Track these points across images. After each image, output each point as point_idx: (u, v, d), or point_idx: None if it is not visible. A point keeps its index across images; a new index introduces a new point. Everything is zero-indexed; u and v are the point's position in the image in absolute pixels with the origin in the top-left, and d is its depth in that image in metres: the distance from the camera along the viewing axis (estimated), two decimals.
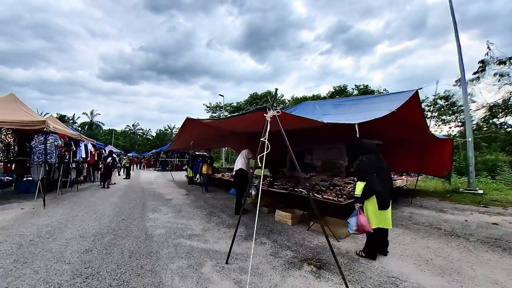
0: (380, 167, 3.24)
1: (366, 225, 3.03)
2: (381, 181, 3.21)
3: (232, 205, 6.39)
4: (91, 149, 10.13)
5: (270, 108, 2.80)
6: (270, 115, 2.75)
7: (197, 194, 8.32)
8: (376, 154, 3.32)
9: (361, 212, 3.14)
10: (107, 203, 6.52)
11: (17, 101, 6.96)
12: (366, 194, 3.20)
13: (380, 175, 3.22)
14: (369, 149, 3.35)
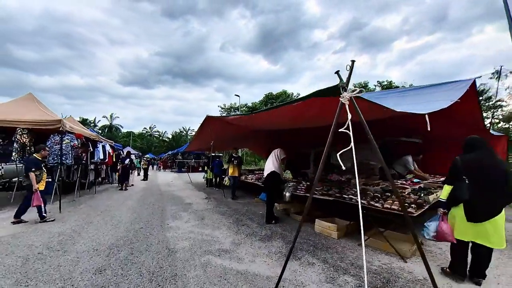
0: (481, 170, 2.41)
1: (448, 233, 2.48)
2: (479, 187, 2.38)
3: (259, 211, 5.69)
4: (109, 150, 9.86)
5: (345, 87, 2.05)
6: (348, 97, 2.00)
7: (218, 197, 7.71)
8: (482, 152, 2.52)
9: (444, 219, 2.56)
10: (124, 208, 6.05)
11: (35, 100, 6.71)
12: (452, 201, 2.57)
13: (478, 179, 2.40)
14: (474, 146, 2.57)
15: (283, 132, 8.46)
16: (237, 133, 8.98)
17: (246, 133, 9.07)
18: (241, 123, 5.51)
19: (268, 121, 4.63)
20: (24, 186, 4.66)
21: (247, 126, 6.36)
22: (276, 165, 4.68)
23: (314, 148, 10.84)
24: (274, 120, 4.43)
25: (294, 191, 4.88)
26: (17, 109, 6.06)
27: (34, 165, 4.57)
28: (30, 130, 5.66)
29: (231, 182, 7.49)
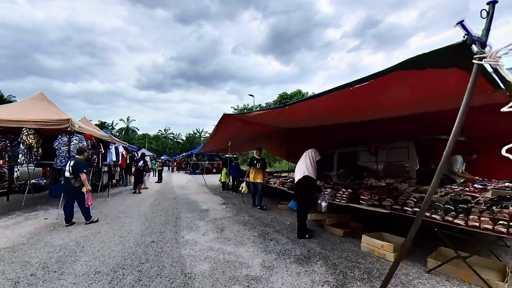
0: None
1: None
2: None
3: (286, 221, 4.92)
4: (123, 152, 9.51)
5: (483, 42, 1.26)
6: (495, 57, 1.22)
7: (236, 203, 7.03)
8: None
9: None
10: (135, 214, 5.52)
11: (45, 100, 6.37)
12: None
13: None
14: None
15: (304, 130, 7.66)
16: (256, 133, 8.28)
17: (265, 132, 8.36)
18: (266, 120, 4.79)
19: (303, 115, 3.77)
20: (76, 187, 4.58)
21: (269, 124, 5.64)
22: (310, 169, 3.89)
23: (338, 148, 9.95)
24: (312, 114, 3.58)
25: (332, 199, 4.08)
26: (25, 109, 5.73)
27: (85, 166, 4.80)
28: (38, 130, 5.28)
29: (252, 189, 6.27)
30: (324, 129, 7.01)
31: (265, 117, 4.09)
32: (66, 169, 4.61)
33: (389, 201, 3.30)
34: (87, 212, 4.78)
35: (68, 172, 4.58)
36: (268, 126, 6.79)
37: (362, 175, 8.10)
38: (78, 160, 4.73)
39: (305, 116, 3.66)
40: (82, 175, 4.61)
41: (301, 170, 3.91)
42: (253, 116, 4.35)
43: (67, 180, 4.60)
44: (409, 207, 3.02)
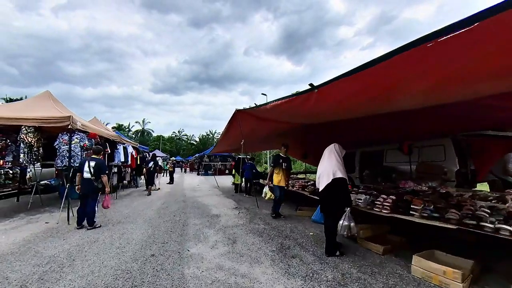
0: None
1: None
2: None
3: (309, 231, 4.21)
4: (132, 152, 9.20)
5: None
6: None
7: (250, 207, 6.39)
8: None
9: None
10: (140, 219, 5.03)
11: (51, 98, 6.07)
12: None
13: None
14: None
15: (322, 127, 6.90)
16: (270, 131, 7.61)
17: (280, 131, 7.66)
18: (286, 112, 4.08)
19: (334, 101, 2.91)
20: (98, 188, 4.45)
21: (287, 119, 4.95)
22: (341, 168, 3.15)
23: (360, 147, 9.07)
24: (347, 99, 2.75)
25: (369, 208, 3.32)
26: (28, 107, 5.44)
27: (106, 167, 4.71)
28: (38, 129, 4.95)
29: (277, 195, 5.04)
30: (345, 125, 6.21)
31: (285, 107, 3.38)
32: (86, 170, 4.34)
33: (455, 213, 2.50)
34: (92, 216, 4.45)
35: (89, 173, 4.33)
36: (284, 123, 6.11)
37: (391, 177, 7.23)
38: (100, 161, 4.54)
39: (336, 102, 2.86)
40: (104, 177, 4.45)
41: (327, 172, 3.17)
42: (270, 108, 3.66)
43: (88, 181, 4.36)
44: (488, 223, 2.21)
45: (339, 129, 7.04)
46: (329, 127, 7.06)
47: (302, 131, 7.94)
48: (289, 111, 3.73)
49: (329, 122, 6.19)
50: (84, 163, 4.39)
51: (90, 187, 4.37)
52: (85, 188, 4.40)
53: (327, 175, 3.19)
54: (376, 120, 5.35)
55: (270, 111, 4.14)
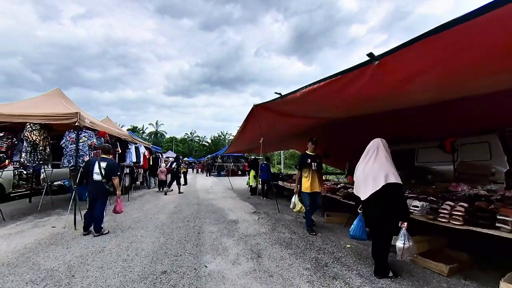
0: None
1: None
2: None
3: (344, 242, 3.55)
4: (145, 153, 8.88)
5: None
6: None
7: (269, 212, 5.80)
8: None
9: None
10: (151, 225, 4.58)
11: (60, 96, 5.80)
12: None
13: None
14: None
15: (342, 124, 6.20)
16: (289, 129, 7.01)
17: (300, 128, 7.04)
18: (320, 101, 3.43)
19: (399, 79, 2.24)
20: (109, 191, 4.08)
21: (317, 111, 4.32)
22: (393, 170, 2.48)
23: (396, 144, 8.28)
24: (418, 75, 2.02)
25: (431, 217, 2.64)
26: (36, 104, 5.17)
27: (118, 169, 4.33)
28: (45, 126, 4.63)
29: (306, 205, 3.99)
30: (369, 121, 5.51)
31: (320, 94, 2.69)
32: (96, 171, 3.93)
33: None
34: (100, 221, 4.04)
35: (99, 175, 3.92)
36: (307, 118, 5.50)
37: (425, 179, 6.42)
38: (111, 162, 4.15)
39: (397, 82, 2.18)
40: (116, 179, 4.06)
41: (375, 175, 2.47)
42: (301, 95, 2.98)
43: (98, 184, 3.94)
44: None
45: (361, 126, 6.35)
46: (349, 124, 6.36)
47: (322, 129, 7.30)
48: (324, 98, 3.09)
49: (351, 118, 5.51)
50: (94, 163, 3.98)
51: (100, 190, 3.96)
52: (94, 192, 3.99)
53: (373, 180, 2.50)
54: (407, 114, 4.64)
55: (297, 101, 3.53)
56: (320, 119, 5.58)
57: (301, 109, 4.22)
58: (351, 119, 5.55)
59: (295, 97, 3.32)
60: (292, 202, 4.17)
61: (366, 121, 5.92)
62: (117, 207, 4.17)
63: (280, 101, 4.08)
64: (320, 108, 3.75)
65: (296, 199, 4.08)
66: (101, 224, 4.04)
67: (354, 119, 5.40)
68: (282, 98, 3.67)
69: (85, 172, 4.05)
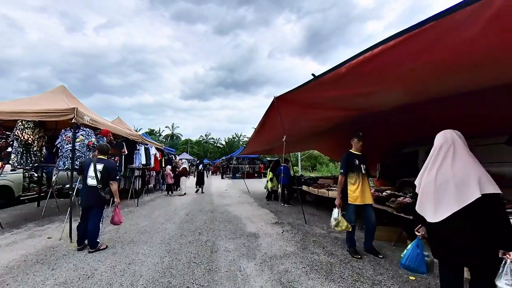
0: None
1: None
2: None
3: (405, 272, 2.60)
4: (156, 154, 8.35)
5: None
6: None
7: (294, 222, 4.94)
8: None
9: None
10: (158, 239, 3.89)
11: (63, 92, 5.32)
12: None
13: None
14: None
15: (372, 119, 5.24)
16: (312, 126, 6.10)
17: (324, 125, 6.09)
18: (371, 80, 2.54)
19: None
20: (106, 199, 3.44)
21: (365, 88, 3.38)
22: (486, 173, 1.51)
23: (425, 144, 7.13)
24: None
25: None
26: (35, 101, 4.71)
27: (118, 172, 3.76)
28: (41, 124, 4.12)
29: (352, 221, 3.08)
30: (414, 113, 4.50)
31: (396, 55, 1.82)
32: (90, 174, 3.31)
33: None
34: (95, 235, 3.39)
35: (95, 179, 3.29)
36: (338, 110, 4.58)
37: None
38: (109, 164, 3.54)
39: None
40: (114, 184, 3.45)
41: (459, 182, 1.48)
42: (358, 65, 2.09)
43: (93, 190, 3.30)
44: None
45: (399, 122, 5.35)
46: (381, 120, 5.38)
47: (348, 125, 6.32)
48: (390, 67, 2.16)
49: (387, 112, 4.53)
50: (89, 166, 3.36)
51: (94, 197, 3.33)
52: (88, 199, 3.36)
53: (457, 190, 1.52)
54: (459, 104, 3.61)
55: (337, 82, 2.66)
56: (353, 111, 4.63)
57: (338, 94, 3.31)
58: (385, 113, 4.58)
59: (338, 75, 2.45)
60: (333, 219, 3.09)
61: (406, 115, 4.92)
62: (115, 218, 3.51)
63: (311, 86, 3.22)
64: (369, 89, 2.84)
65: (338, 215, 3.06)
66: (97, 238, 3.40)
67: (392, 112, 4.42)
68: (317, 79, 2.82)
69: (80, 175, 3.43)
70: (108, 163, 3.46)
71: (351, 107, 4.13)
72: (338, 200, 3.14)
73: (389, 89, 2.82)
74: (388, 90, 2.89)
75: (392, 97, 3.31)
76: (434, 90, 2.87)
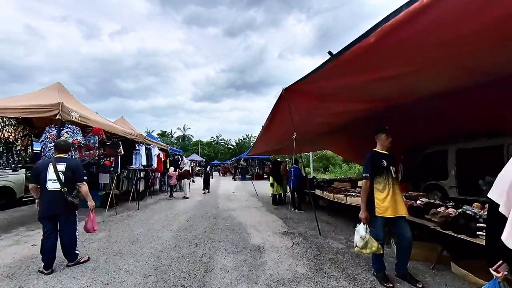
0: None
1: None
2: None
3: None
4: (159, 154, 7.97)
5: None
6: None
7: (306, 233, 4.30)
8: None
9: None
10: (148, 250, 3.40)
11: (58, 89, 5.00)
12: None
13: None
14: None
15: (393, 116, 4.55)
16: (331, 119, 5.38)
17: (343, 116, 5.36)
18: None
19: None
20: (74, 204, 2.82)
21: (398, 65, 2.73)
22: None
23: (455, 142, 6.31)
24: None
25: None
26: (26, 98, 4.40)
27: (84, 171, 3.09)
28: (26, 122, 3.77)
29: (380, 237, 2.38)
30: (446, 102, 3.77)
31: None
32: (50, 177, 2.71)
33: None
34: (73, 246, 2.92)
35: (57, 182, 2.71)
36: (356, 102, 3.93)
37: None
38: (73, 162, 2.95)
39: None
40: (83, 186, 2.90)
41: None
42: (392, 29, 1.50)
43: (56, 195, 2.71)
44: None
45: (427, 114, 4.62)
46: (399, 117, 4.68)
47: (361, 123, 5.60)
48: (446, 27, 1.52)
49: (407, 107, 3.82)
50: (46, 168, 2.74)
51: (59, 203, 2.71)
52: (51, 207, 2.71)
53: None
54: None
55: (363, 59, 2.05)
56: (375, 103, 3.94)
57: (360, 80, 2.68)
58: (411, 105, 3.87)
59: (364, 49, 1.84)
60: (360, 238, 2.32)
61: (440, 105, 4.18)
62: (88, 224, 3.00)
63: (326, 72, 2.62)
64: (404, 67, 2.19)
65: (365, 232, 2.33)
66: (75, 249, 2.94)
67: (422, 102, 3.71)
68: (336, 58, 2.21)
69: (34, 182, 2.78)
70: (71, 162, 2.91)
71: (374, 97, 3.46)
72: (364, 212, 2.44)
73: (433, 66, 2.15)
74: (431, 68, 2.21)
75: (433, 78, 2.60)
76: (497, 69, 2.17)
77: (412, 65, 2.19)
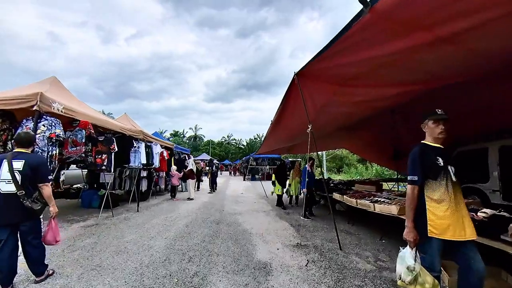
0: None
1: None
2: None
3: None
4: (163, 153, 7.52)
5: None
6: None
7: (322, 246, 3.59)
8: None
9: None
10: (132, 264, 2.84)
11: (51, 84, 4.55)
12: None
13: None
14: None
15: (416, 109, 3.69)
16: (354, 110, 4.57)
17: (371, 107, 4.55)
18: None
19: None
20: (34, 210, 2.28)
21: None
22: None
23: (495, 139, 5.44)
24: None
25: None
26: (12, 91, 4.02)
27: (49, 169, 2.80)
28: (5, 115, 3.35)
29: (436, 270, 1.66)
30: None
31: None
32: (4, 178, 2.20)
33: None
34: (41, 257, 2.43)
35: (11, 184, 2.18)
36: (389, 86, 3.18)
37: None
38: (34, 159, 2.39)
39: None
40: (46, 187, 2.37)
41: None
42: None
43: (11, 200, 2.19)
44: None
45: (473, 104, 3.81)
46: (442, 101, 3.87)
47: (388, 118, 4.82)
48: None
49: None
50: (1, 163, 2.25)
51: (14, 210, 2.21)
52: (3, 214, 2.20)
53: None
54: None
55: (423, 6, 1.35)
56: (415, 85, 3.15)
57: (406, 44, 1.95)
58: (453, 91, 3.07)
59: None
60: (406, 270, 1.60)
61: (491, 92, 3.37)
62: (49, 235, 2.43)
63: (355, 39, 1.93)
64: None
65: (416, 259, 1.62)
66: (43, 260, 2.45)
67: (471, 87, 2.91)
68: (372, 6, 1.51)
69: None
70: (32, 158, 2.37)
71: (417, 75, 2.68)
72: (412, 233, 1.69)
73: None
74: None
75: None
76: None
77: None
